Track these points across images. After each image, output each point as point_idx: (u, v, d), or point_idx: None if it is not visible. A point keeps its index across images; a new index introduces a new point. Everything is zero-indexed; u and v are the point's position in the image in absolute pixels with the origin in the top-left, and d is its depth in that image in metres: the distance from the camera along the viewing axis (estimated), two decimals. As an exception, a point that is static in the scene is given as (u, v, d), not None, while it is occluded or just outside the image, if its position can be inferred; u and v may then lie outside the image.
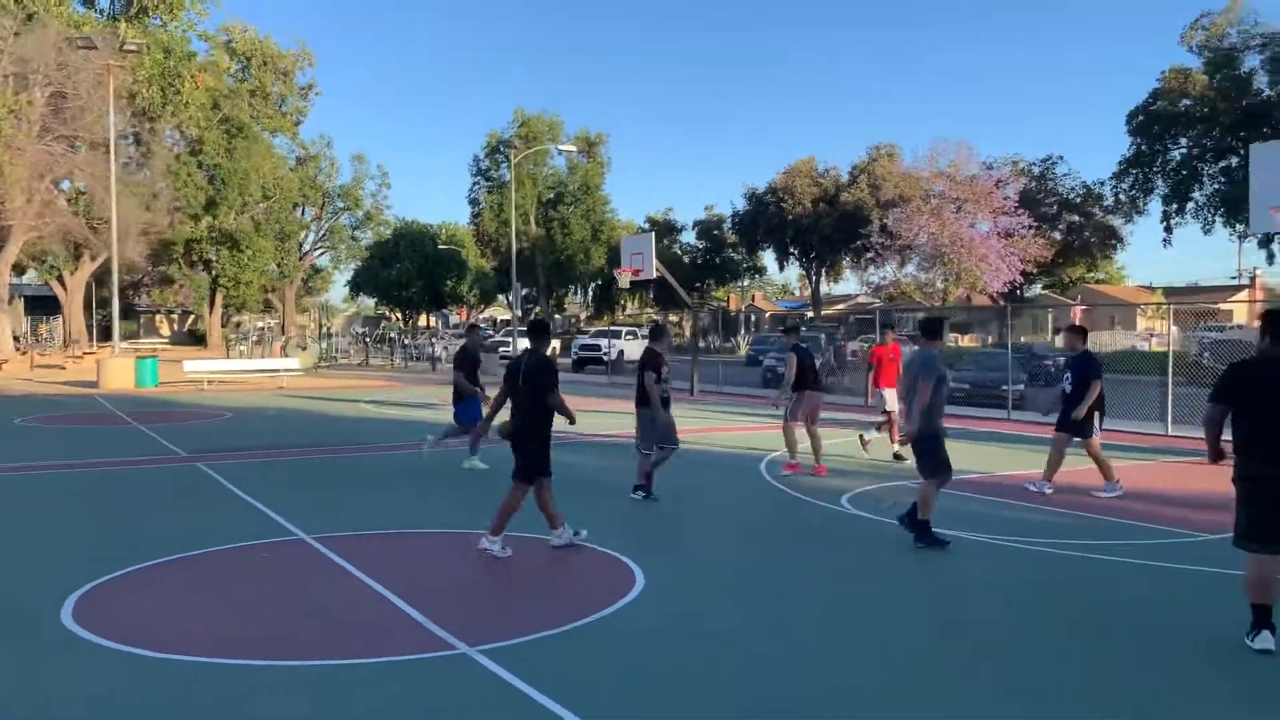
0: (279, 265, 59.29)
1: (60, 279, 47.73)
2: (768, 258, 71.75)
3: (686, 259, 73.96)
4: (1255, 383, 5.69)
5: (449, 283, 71.13)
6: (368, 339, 46.39)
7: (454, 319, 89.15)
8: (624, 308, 76.77)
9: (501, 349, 38.96)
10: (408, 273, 70.40)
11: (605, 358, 35.94)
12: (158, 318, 74.30)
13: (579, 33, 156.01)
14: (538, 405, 7.69)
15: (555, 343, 43.00)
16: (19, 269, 50.02)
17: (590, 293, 77.40)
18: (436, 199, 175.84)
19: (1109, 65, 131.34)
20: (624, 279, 24.14)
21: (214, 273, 56.33)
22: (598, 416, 18.28)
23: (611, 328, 41.79)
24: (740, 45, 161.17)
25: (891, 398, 12.99)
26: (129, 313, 71.33)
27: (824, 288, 73.62)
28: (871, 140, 76.09)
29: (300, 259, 62.92)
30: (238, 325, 58.52)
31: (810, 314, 66.62)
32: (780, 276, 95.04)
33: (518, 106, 64.67)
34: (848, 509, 9.78)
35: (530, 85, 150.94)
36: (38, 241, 39.65)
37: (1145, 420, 16.88)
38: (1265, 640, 5.50)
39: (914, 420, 8.07)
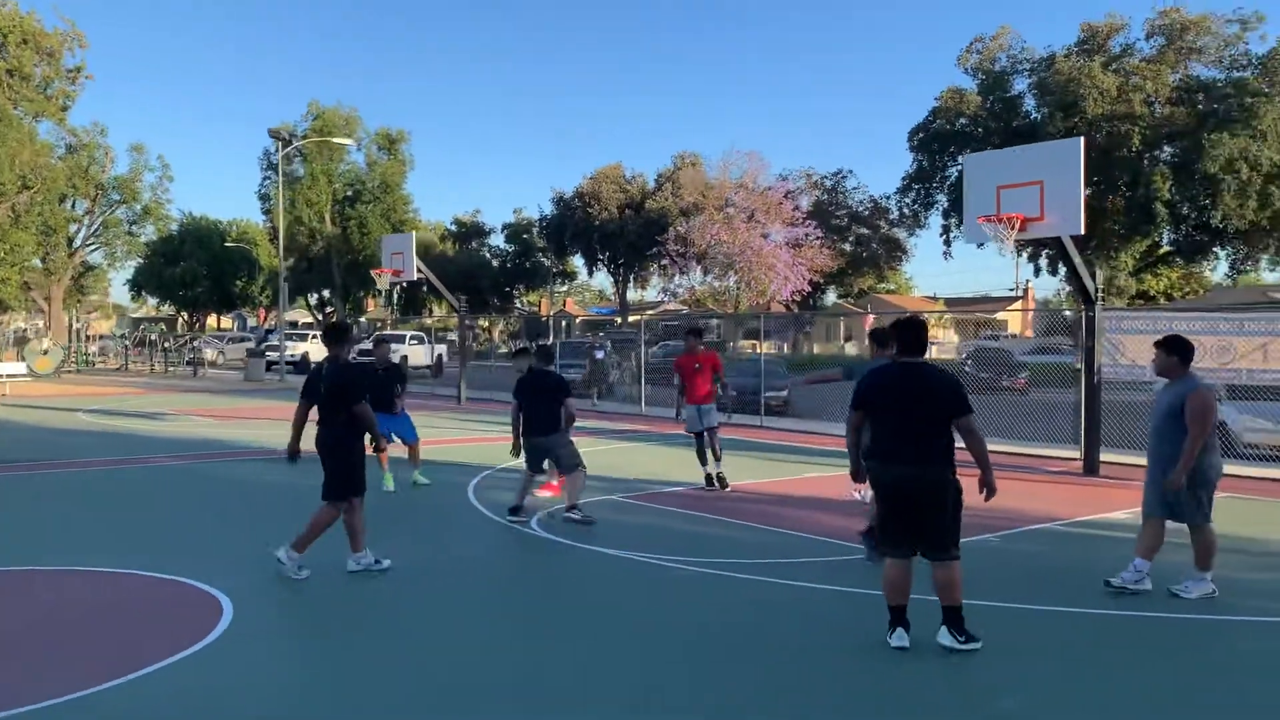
0: (43, 261, 54.43)
1: None
2: (578, 263, 71.51)
3: (496, 262, 72.70)
4: (884, 389, 5.79)
5: (239, 283, 67.34)
6: (127, 342, 42.93)
7: (251, 321, 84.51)
8: (431, 311, 74.65)
9: (270, 352, 36.73)
10: (194, 271, 66.19)
11: (386, 363, 34.48)
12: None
13: (382, 25, 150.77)
14: (343, 418, 7.08)
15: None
16: None
17: (395, 296, 74.89)
18: (226, 194, 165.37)
19: (896, 84, 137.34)
20: (383, 280, 22.93)
21: (-37, 268, 51.06)
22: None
23: (392, 332, 40.12)
24: (551, 46, 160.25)
25: (702, 414, 11.28)
26: None
27: (636, 294, 73.98)
28: (680, 148, 76.94)
29: (70, 255, 57.96)
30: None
31: (619, 320, 66.62)
32: (597, 282, 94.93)
33: (312, 99, 61.64)
34: (534, 531, 9.04)
35: (330, 77, 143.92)
36: None
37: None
38: (900, 638, 5.66)
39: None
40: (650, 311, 74.83)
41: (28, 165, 49.46)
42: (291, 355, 37.79)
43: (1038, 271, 48.50)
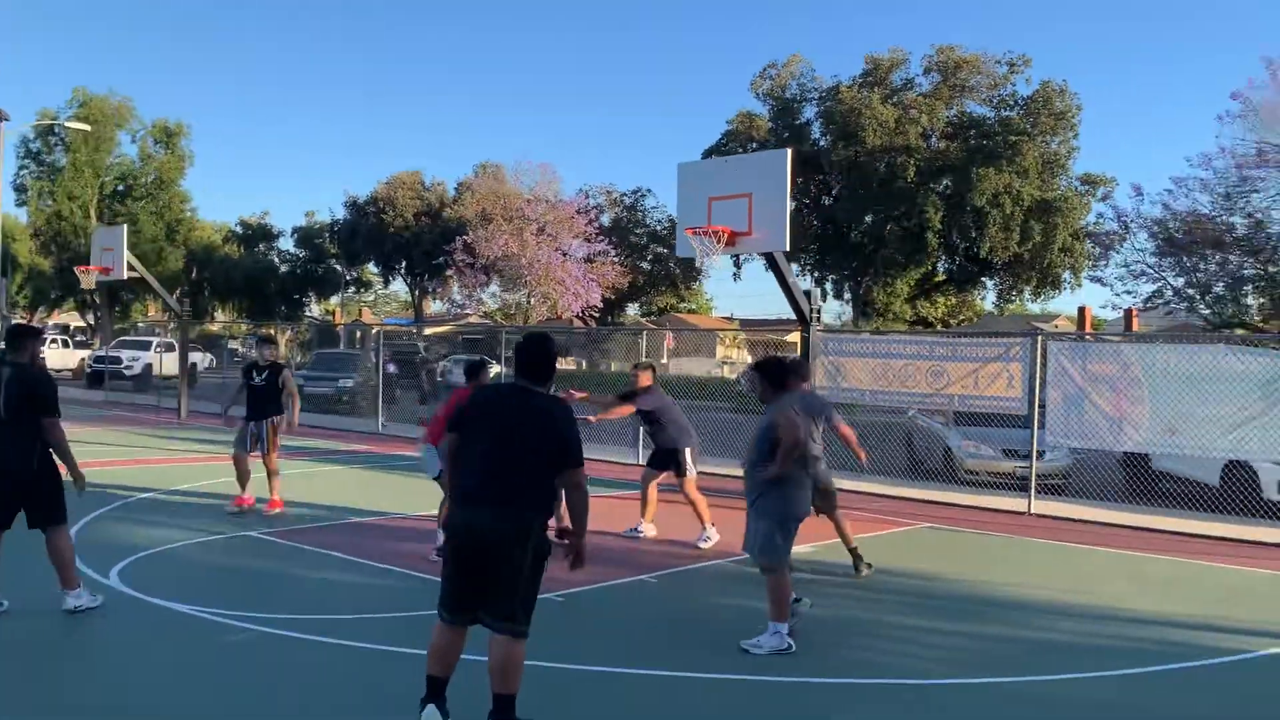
0: None
1: None
2: (376, 270, 68.72)
3: (285, 268, 69.00)
4: (485, 412, 4.71)
5: (-9, 281, 61.09)
6: None
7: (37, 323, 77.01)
8: (213, 316, 70.12)
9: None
10: (-63, 267, 59.62)
11: (127, 372, 31.53)
12: None
13: (168, 12, 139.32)
14: (33, 432, 6.25)
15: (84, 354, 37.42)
16: None
17: (177, 299, 70.09)
18: None
19: (694, 104, 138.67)
20: (89, 278, 20.53)
21: None
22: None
23: (140, 338, 36.92)
24: (354, 42, 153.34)
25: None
26: None
27: (439, 305, 71.49)
28: (488, 158, 75.34)
29: None
30: None
31: (414, 331, 64.29)
32: (403, 291, 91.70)
33: (79, 85, 56.88)
34: (112, 583, 7.47)
35: (109, 65, 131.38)
36: None
37: (619, 448, 16.23)
38: (430, 715, 4.53)
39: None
40: (451, 323, 72.82)
41: None
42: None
43: (824, 295, 49.73)
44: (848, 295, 46.83)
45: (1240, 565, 9.42)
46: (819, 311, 12.59)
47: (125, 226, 21.13)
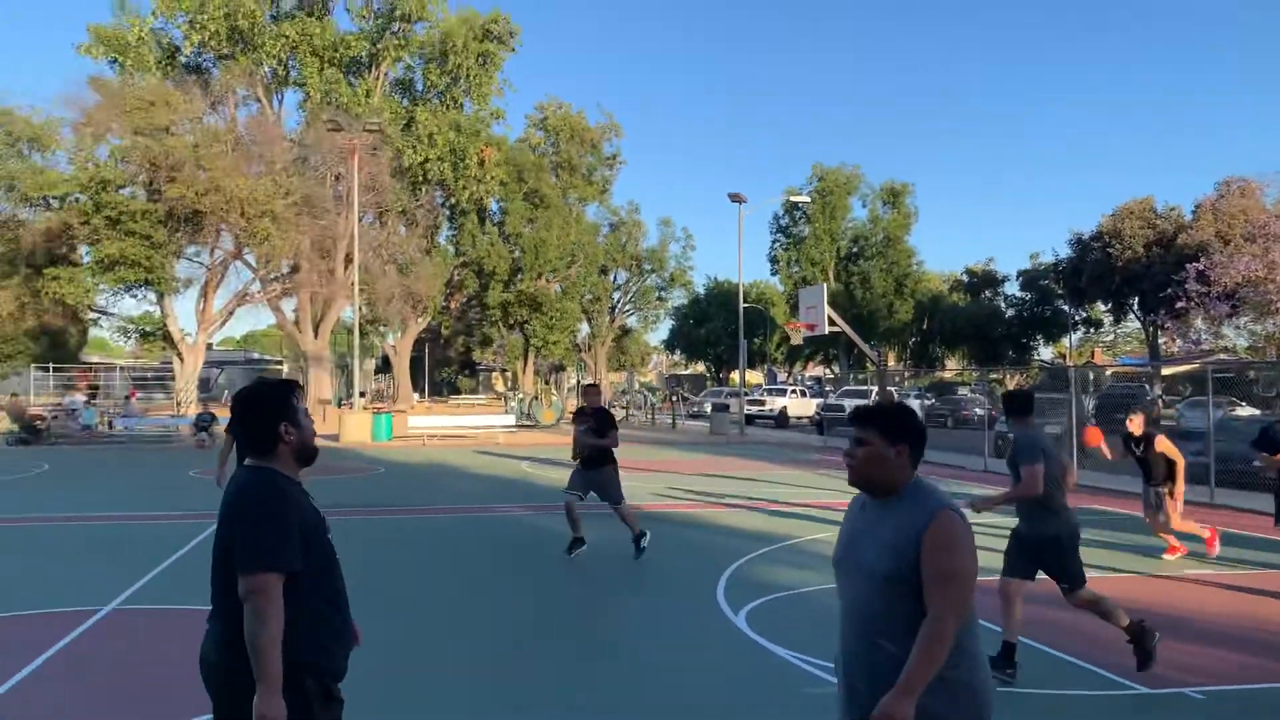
0: (590, 325, 62.34)
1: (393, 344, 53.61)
2: (1105, 308, 64.71)
3: (1011, 311, 68.65)
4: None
5: (755, 341, 71.12)
6: (628, 397, 47.17)
7: (781, 376, 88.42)
8: (942, 363, 72.39)
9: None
10: (717, 331, 71.34)
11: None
12: (494, 375, 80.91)
13: (881, 84, 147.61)
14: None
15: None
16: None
17: (908, 348, 74.07)
18: (746, 259, 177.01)
19: None
20: (796, 334, 22.59)
21: (526, 333, 60.33)
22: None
23: (861, 387, 39.17)
24: (1063, 78, 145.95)
25: None
26: (471, 369, 78.50)
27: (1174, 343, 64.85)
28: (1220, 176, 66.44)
29: (611, 321, 65.80)
30: (546, 382, 62.09)
31: (1137, 370, 58.81)
32: (1135, 328, 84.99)
33: (816, 161, 63.78)
34: (739, 623, 8.08)
35: (832, 138, 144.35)
36: (367, 309, 44.96)
37: None
38: None
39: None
40: (1195, 362, 65.06)
41: (567, 245, 57.19)
42: (769, 410, 38.90)
43: None
44: None
45: None
46: None
47: (824, 284, 23.06)
